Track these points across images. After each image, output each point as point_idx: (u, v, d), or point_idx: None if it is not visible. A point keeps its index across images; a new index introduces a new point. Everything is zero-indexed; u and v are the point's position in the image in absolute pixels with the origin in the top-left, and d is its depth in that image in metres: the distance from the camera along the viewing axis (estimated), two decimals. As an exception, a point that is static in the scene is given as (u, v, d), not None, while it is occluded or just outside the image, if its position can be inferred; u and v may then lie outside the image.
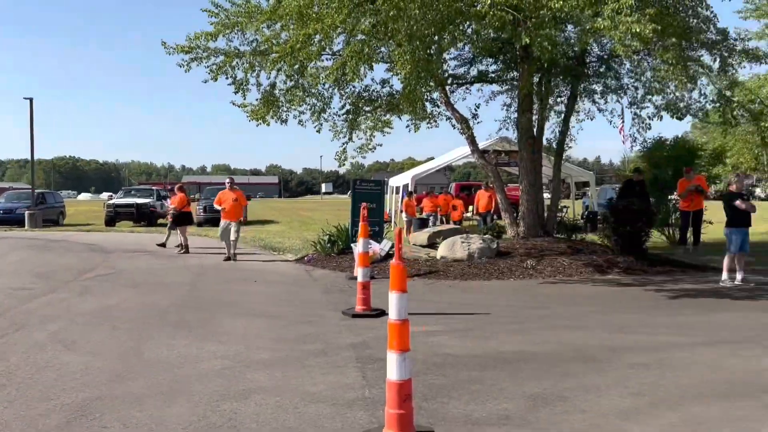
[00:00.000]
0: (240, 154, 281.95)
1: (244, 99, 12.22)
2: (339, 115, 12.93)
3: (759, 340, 6.42)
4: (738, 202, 10.13)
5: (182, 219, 14.97)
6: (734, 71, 12.43)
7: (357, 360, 5.61)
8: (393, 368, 3.78)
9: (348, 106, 12.92)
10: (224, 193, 13.77)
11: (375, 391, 4.68)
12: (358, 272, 7.85)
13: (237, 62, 11.73)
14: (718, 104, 12.40)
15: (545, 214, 13.77)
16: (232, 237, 13.24)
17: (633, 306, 8.58)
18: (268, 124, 12.27)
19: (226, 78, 11.90)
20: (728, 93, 12.57)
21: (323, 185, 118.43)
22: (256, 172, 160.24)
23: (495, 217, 18.34)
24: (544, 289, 10.03)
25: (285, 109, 12.33)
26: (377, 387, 4.72)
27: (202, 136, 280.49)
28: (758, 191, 51.01)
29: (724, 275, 10.15)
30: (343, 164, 12.84)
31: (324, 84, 11.40)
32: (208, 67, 11.72)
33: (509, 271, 11.15)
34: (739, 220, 10.17)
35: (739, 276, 10.10)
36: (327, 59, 11.42)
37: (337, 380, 5.05)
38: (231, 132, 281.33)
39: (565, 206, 24.91)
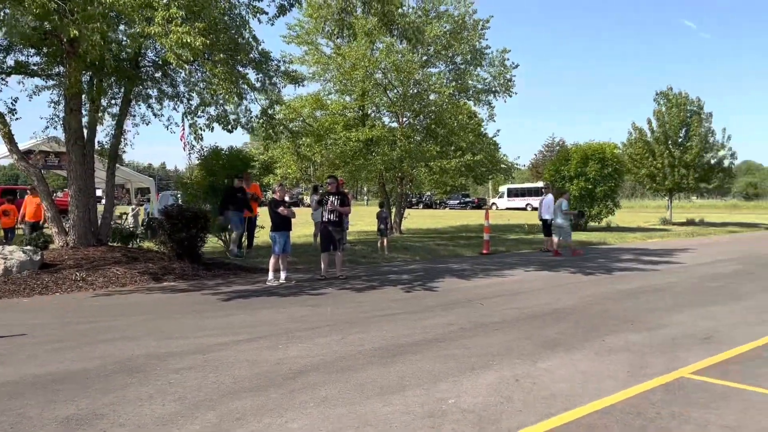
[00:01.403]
0: None
1: None
2: None
3: (292, 331, 7.20)
4: (281, 209, 11.29)
5: None
6: (278, 90, 13.79)
7: None
8: None
9: None
10: None
11: None
12: None
13: None
14: (262, 120, 13.55)
15: (99, 222, 12.95)
16: None
17: (186, 311, 8.69)
18: None
19: None
20: (271, 111, 13.84)
21: None
22: None
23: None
24: (94, 301, 9.40)
25: None
26: None
27: None
28: (306, 199, 57.57)
29: (270, 275, 11.16)
30: None
31: None
32: None
33: (55, 285, 10.14)
34: (282, 224, 11.34)
35: (283, 275, 11.24)
36: None
37: None
38: None
39: (124, 213, 24.05)
